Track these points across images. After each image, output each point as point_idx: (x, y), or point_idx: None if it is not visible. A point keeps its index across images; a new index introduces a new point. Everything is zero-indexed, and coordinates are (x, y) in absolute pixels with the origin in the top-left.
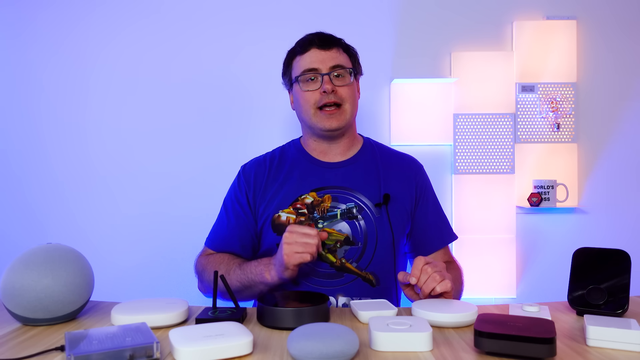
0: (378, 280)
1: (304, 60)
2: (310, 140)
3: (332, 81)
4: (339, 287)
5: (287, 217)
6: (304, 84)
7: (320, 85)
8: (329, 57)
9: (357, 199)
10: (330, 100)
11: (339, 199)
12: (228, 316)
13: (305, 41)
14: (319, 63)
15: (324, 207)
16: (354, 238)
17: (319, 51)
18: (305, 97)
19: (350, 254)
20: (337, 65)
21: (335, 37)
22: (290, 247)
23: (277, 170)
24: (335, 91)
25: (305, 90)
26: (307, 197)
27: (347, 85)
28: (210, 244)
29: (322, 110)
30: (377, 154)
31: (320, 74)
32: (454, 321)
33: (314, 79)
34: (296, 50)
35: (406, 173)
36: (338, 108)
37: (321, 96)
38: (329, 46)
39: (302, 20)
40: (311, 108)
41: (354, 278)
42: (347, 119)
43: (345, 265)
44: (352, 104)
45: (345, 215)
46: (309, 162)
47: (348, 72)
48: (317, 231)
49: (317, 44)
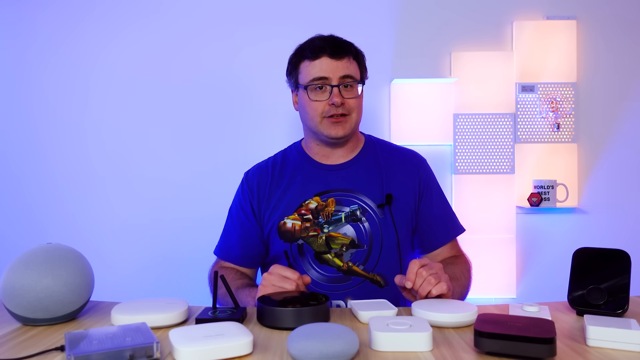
0: (386, 281)
1: (314, 68)
2: (312, 144)
3: (342, 92)
4: (347, 291)
5: (292, 224)
6: (312, 93)
7: (330, 97)
8: (340, 68)
9: (361, 200)
10: (338, 112)
11: (343, 202)
12: (228, 316)
13: (317, 47)
14: (330, 72)
15: (328, 212)
16: (359, 241)
17: (330, 60)
18: (313, 107)
19: (357, 257)
20: (347, 75)
21: (347, 44)
22: (264, 289)
23: (280, 175)
24: (344, 103)
25: (314, 100)
26: (311, 202)
27: (355, 97)
28: (219, 253)
29: (329, 118)
30: (378, 152)
31: (330, 85)
32: (454, 321)
33: (323, 89)
34: (306, 54)
35: (408, 168)
36: (344, 116)
37: (329, 107)
38: (341, 55)
39: (303, 20)
40: (318, 117)
41: (362, 281)
42: (353, 127)
43: (352, 268)
44: (359, 113)
45: (350, 218)
46: (311, 166)
47: (357, 83)
48: (298, 275)
49: (329, 53)
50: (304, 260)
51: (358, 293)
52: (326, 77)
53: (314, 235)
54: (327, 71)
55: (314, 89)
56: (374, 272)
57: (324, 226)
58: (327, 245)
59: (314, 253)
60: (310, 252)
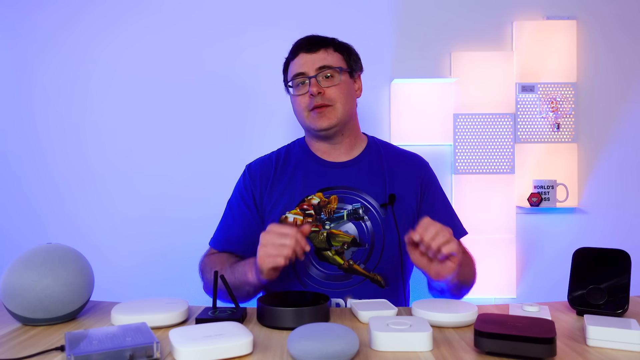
0: (387, 280)
1: (294, 66)
2: (312, 141)
3: (320, 83)
4: (347, 289)
5: (294, 219)
6: (295, 89)
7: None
8: (316, 60)
9: (363, 199)
10: (318, 102)
11: (345, 200)
12: (228, 316)
13: (295, 46)
14: (306, 66)
15: (331, 209)
16: (361, 239)
17: (306, 55)
18: (297, 101)
19: (358, 255)
20: (323, 66)
21: (324, 38)
22: (264, 249)
23: (283, 169)
24: (323, 92)
25: (296, 95)
26: (313, 197)
27: (335, 85)
28: (215, 244)
29: (312, 110)
30: (382, 152)
31: (307, 77)
32: (454, 321)
33: (303, 83)
34: (289, 56)
35: (411, 169)
36: (327, 107)
37: (310, 99)
38: (316, 48)
39: (304, 21)
40: (303, 111)
41: (362, 279)
42: (339, 117)
43: (353, 267)
44: (344, 103)
45: (352, 216)
46: (314, 162)
47: (337, 72)
48: (296, 230)
49: (305, 48)
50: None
51: (358, 292)
52: (303, 72)
53: (315, 231)
54: (303, 65)
55: (296, 85)
56: (374, 272)
57: (325, 222)
58: (328, 242)
59: (315, 249)
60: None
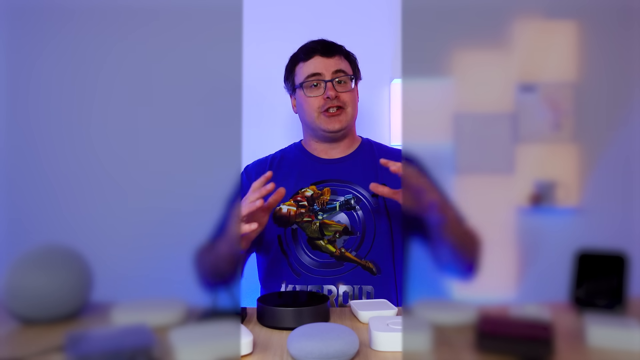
0: (378, 268)
1: (308, 67)
2: (311, 142)
3: (335, 87)
4: (339, 276)
5: (287, 209)
6: (307, 90)
7: (324, 92)
8: (332, 64)
9: (355, 191)
10: (333, 104)
11: (338, 192)
12: (228, 316)
13: (309, 48)
14: (322, 69)
15: (324, 200)
16: (352, 228)
17: (322, 58)
18: (309, 102)
19: (349, 243)
20: (339, 70)
21: (336, 45)
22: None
23: (278, 169)
24: (338, 97)
25: (309, 96)
26: (307, 190)
27: (348, 91)
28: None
29: (325, 112)
30: (375, 150)
31: (323, 80)
32: (454, 321)
33: (317, 85)
34: (299, 57)
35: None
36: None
37: (325, 102)
38: (332, 54)
39: (303, 21)
40: (315, 112)
41: (354, 266)
42: (349, 120)
43: (344, 254)
44: (353, 108)
45: (344, 206)
46: (309, 159)
47: (349, 79)
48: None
49: (320, 52)
50: (297, 245)
51: (350, 278)
52: (319, 73)
53: (308, 221)
54: (320, 67)
55: (309, 86)
56: (366, 259)
57: (318, 213)
58: (320, 231)
59: (307, 238)
60: (303, 237)
